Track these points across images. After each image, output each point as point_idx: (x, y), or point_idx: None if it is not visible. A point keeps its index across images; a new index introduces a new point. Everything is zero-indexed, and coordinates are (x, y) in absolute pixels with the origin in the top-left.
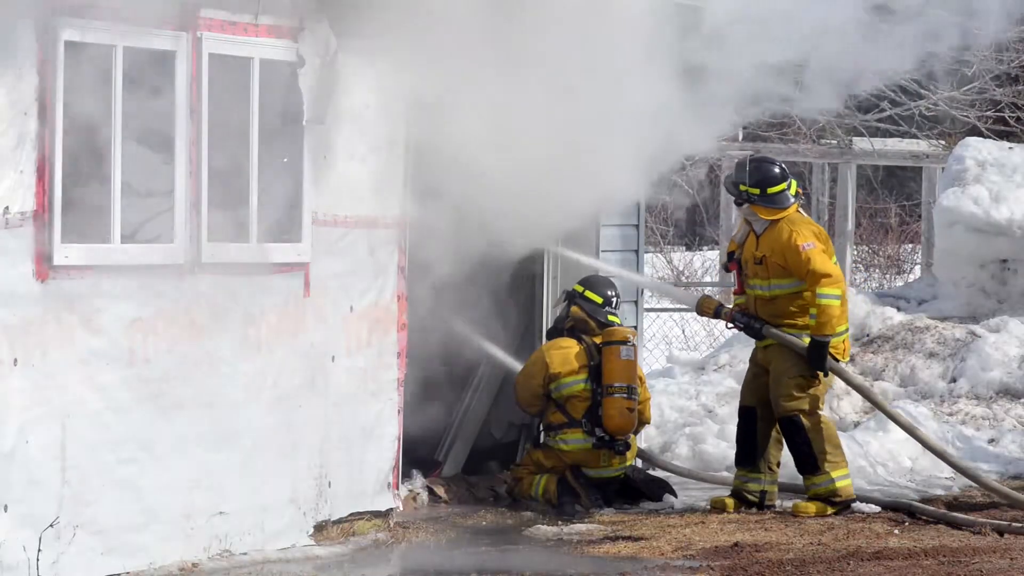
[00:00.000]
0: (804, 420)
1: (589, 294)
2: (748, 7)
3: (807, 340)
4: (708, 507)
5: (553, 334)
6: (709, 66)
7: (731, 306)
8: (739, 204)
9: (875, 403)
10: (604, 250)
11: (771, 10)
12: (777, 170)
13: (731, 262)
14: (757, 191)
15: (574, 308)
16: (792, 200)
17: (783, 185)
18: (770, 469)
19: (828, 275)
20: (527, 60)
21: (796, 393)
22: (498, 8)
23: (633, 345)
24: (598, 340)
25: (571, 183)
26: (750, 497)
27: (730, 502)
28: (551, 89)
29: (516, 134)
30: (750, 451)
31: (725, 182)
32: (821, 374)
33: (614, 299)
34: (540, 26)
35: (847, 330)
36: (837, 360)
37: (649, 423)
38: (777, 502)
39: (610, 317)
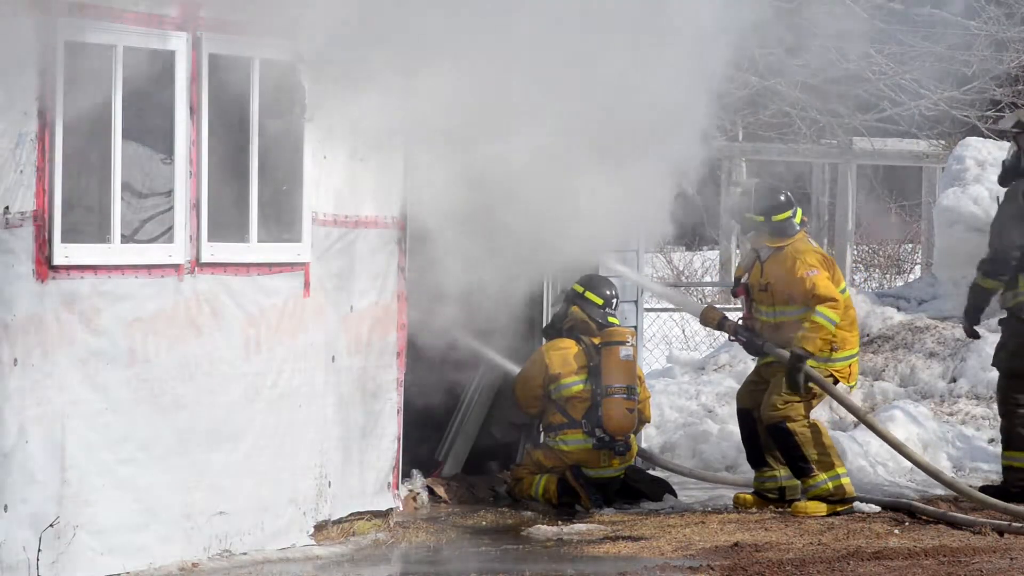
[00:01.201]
0: (791, 426)
1: (589, 295)
2: None
3: (810, 362)
4: (710, 509)
5: (550, 333)
6: None
7: (735, 319)
8: (745, 232)
9: (861, 417)
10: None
11: None
12: (782, 198)
13: (738, 287)
14: (762, 218)
15: (574, 308)
16: (797, 228)
17: (788, 213)
18: (782, 464)
19: (833, 299)
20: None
21: (783, 405)
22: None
23: (632, 345)
24: (597, 340)
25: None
26: (770, 495)
27: (751, 499)
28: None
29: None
30: (757, 452)
31: (731, 210)
32: (815, 389)
33: (614, 300)
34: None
35: (856, 355)
36: (838, 382)
37: (649, 421)
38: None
39: (610, 318)
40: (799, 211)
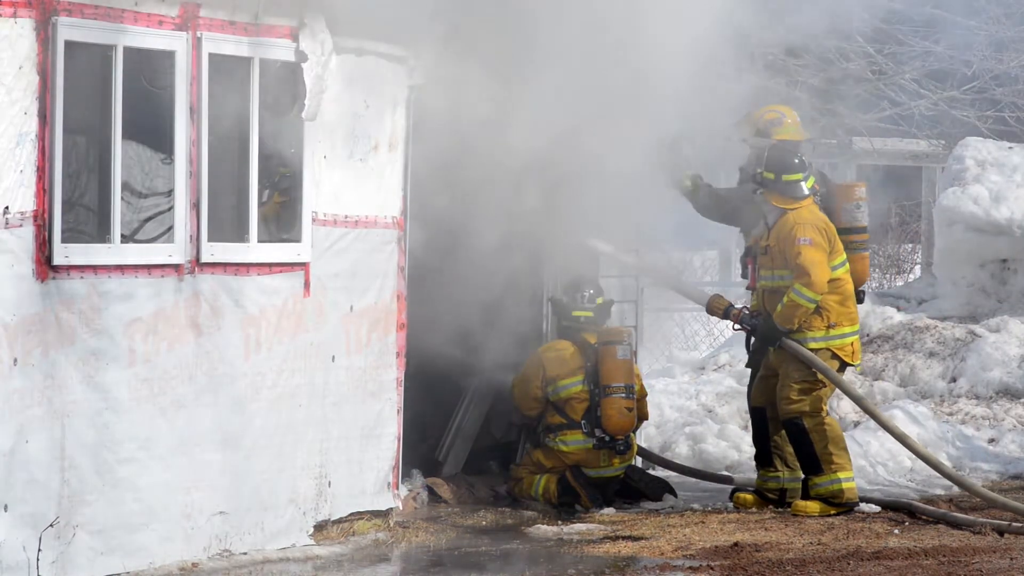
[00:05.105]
0: (806, 422)
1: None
2: None
3: (810, 345)
4: (710, 509)
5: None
6: None
7: (741, 306)
8: (755, 192)
9: (865, 407)
10: None
11: None
12: (796, 160)
13: (748, 256)
14: (773, 176)
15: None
16: (807, 193)
17: (799, 176)
18: (787, 466)
19: (808, 275)
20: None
21: (797, 396)
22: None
23: (630, 344)
24: (593, 340)
25: None
26: (770, 495)
27: (751, 499)
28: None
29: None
30: (765, 451)
31: (745, 166)
32: (824, 379)
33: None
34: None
35: (856, 331)
36: (847, 363)
37: (648, 419)
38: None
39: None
40: (812, 178)
